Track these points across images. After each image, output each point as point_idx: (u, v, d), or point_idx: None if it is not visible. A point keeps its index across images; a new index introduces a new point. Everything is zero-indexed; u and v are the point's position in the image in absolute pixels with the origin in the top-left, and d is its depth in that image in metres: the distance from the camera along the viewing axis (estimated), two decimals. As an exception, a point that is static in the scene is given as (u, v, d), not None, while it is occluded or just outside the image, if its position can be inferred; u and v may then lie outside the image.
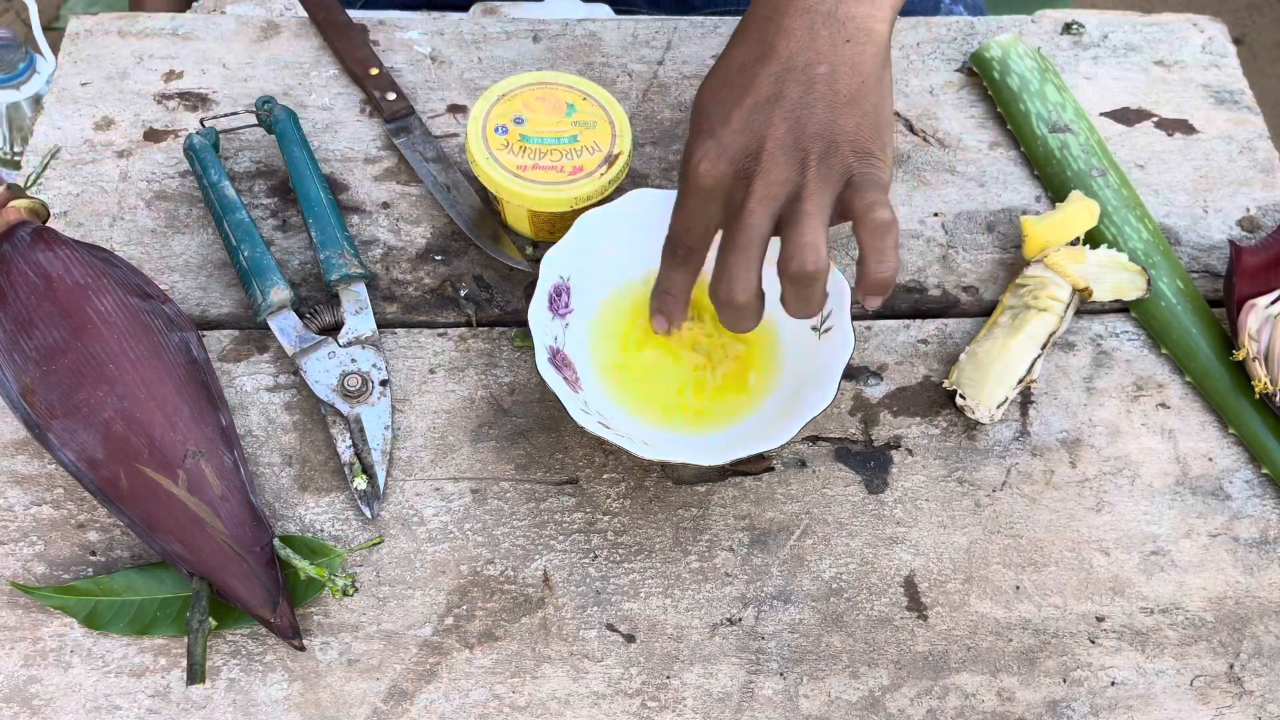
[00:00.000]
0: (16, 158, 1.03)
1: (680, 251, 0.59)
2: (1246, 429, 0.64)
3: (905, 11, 0.87)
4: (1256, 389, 0.64)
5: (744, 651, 0.59)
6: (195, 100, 0.74)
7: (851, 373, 0.67)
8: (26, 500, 0.61)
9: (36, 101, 1.03)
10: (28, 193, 0.64)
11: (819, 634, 0.59)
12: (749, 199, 0.54)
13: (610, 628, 0.59)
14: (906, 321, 0.69)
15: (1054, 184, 0.72)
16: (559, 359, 0.61)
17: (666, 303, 0.60)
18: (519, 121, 0.67)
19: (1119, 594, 0.61)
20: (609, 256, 0.65)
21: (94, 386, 0.57)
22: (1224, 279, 0.69)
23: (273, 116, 0.70)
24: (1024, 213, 0.73)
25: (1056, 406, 0.66)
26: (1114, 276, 0.67)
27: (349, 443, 0.62)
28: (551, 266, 0.63)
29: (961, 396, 0.65)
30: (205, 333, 0.66)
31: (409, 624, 0.59)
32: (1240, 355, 0.65)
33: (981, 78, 0.77)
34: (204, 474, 0.57)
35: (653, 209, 0.65)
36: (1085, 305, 0.69)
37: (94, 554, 0.60)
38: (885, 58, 0.56)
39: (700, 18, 0.80)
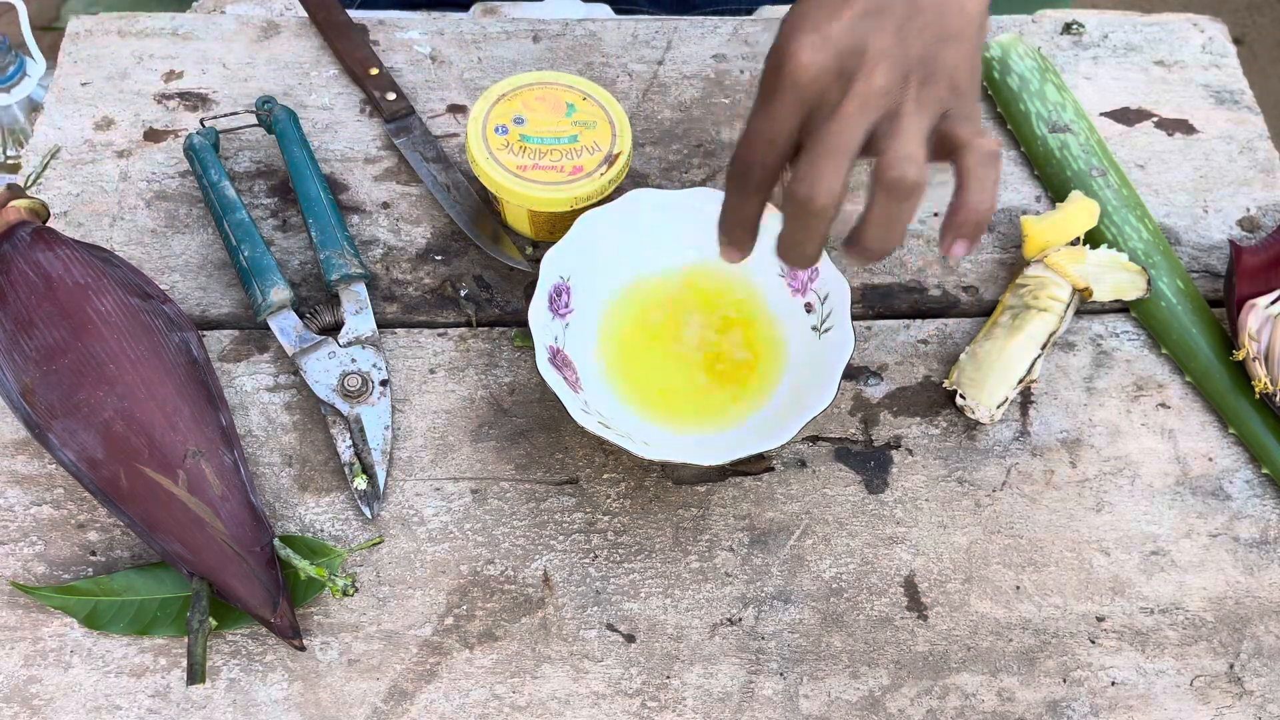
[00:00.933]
0: (8, 160, 1.03)
1: (755, 172, 0.52)
2: (1246, 429, 0.64)
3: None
4: (1256, 389, 0.64)
5: (744, 651, 0.59)
6: (195, 100, 0.74)
7: (851, 373, 0.67)
8: (26, 500, 0.61)
9: (28, 105, 1.03)
10: (28, 193, 0.64)
11: (819, 634, 0.59)
12: (848, 100, 0.49)
13: (610, 628, 0.59)
14: (906, 321, 0.69)
15: (1054, 184, 0.72)
16: (559, 359, 0.61)
17: (737, 233, 0.54)
18: (519, 121, 0.67)
19: (1119, 594, 0.61)
20: (609, 256, 0.65)
21: (94, 386, 0.57)
22: (1224, 279, 0.69)
23: (273, 116, 0.70)
24: (1024, 213, 0.73)
25: (1056, 406, 0.66)
26: (1114, 276, 0.67)
27: (349, 443, 0.62)
28: (552, 266, 0.63)
29: (961, 396, 0.65)
30: (205, 333, 0.66)
31: (409, 624, 0.59)
32: (1240, 355, 0.65)
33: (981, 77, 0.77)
34: (204, 474, 0.57)
35: (653, 209, 0.65)
36: (1085, 305, 0.69)
37: (94, 554, 0.60)
38: (986, 8, 0.54)
39: (700, 17, 0.80)
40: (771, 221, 0.65)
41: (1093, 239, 0.70)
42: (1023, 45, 0.76)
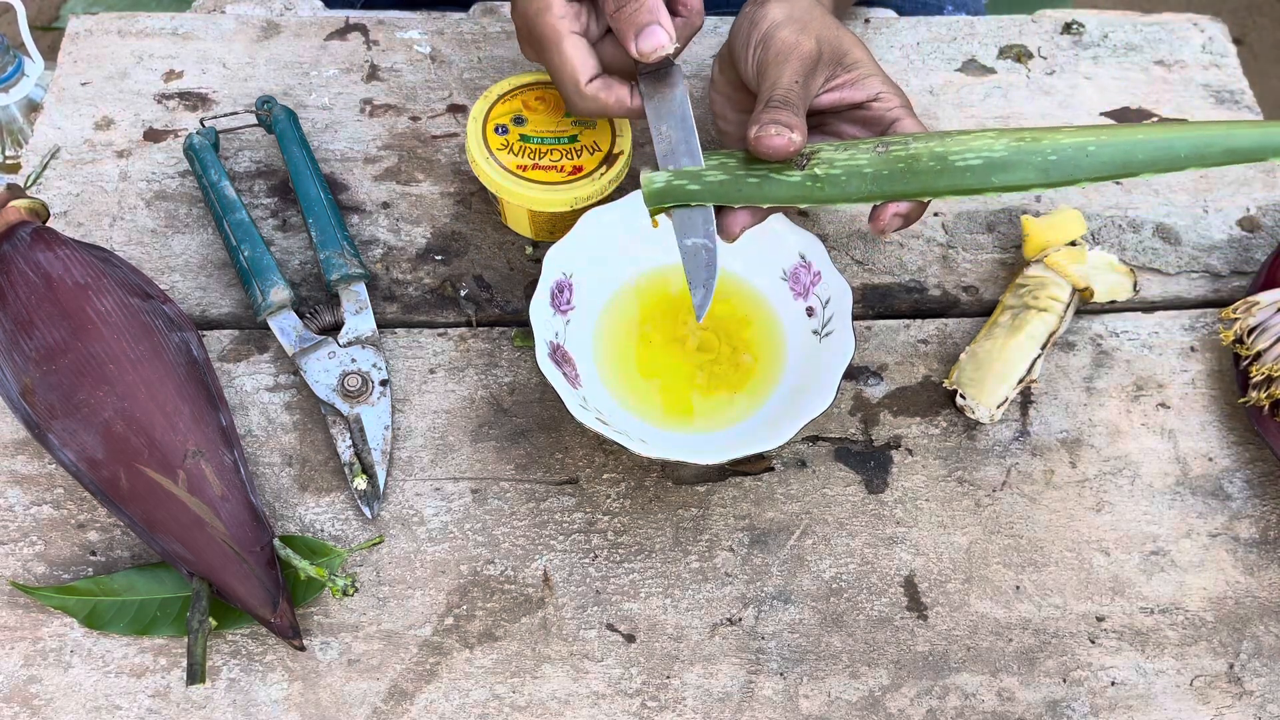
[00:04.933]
0: (8, 160, 1.03)
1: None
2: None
3: (905, 11, 0.87)
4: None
5: (744, 651, 0.59)
6: (195, 100, 0.74)
7: (851, 373, 0.67)
8: (26, 500, 0.61)
9: (26, 105, 1.03)
10: (28, 193, 0.64)
11: (819, 634, 0.59)
12: None
13: (610, 628, 0.59)
14: (906, 321, 0.69)
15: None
16: (559, 354, 0.61)
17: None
18: (519, 121, 0.67)
19: (1119, 594, 0.61)
20: (612, 255, 0.65)
21: (94, 386, 0.57)
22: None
23: (273, 116, 0.70)
24: (1024, 213, 0.73)
25: (1056, 406, 0.67)
26: (1106, 278, 0.67)
27: (349, 443, 0.62)
28: (554, 263, 0.63)
29: (962, 396, 0.65)
30: (205, 333, 0.66)
31: (409, 624, 0.59)
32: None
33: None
34: (204, 474, 0.57)
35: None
36: (1085, 305, 0.69)
37: (94, 554, 0.60)
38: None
39: (700, 17, 0.80)
40: (772, 222, 0.65)
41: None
42: None
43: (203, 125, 0.72)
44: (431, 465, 0.63)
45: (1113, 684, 0.59)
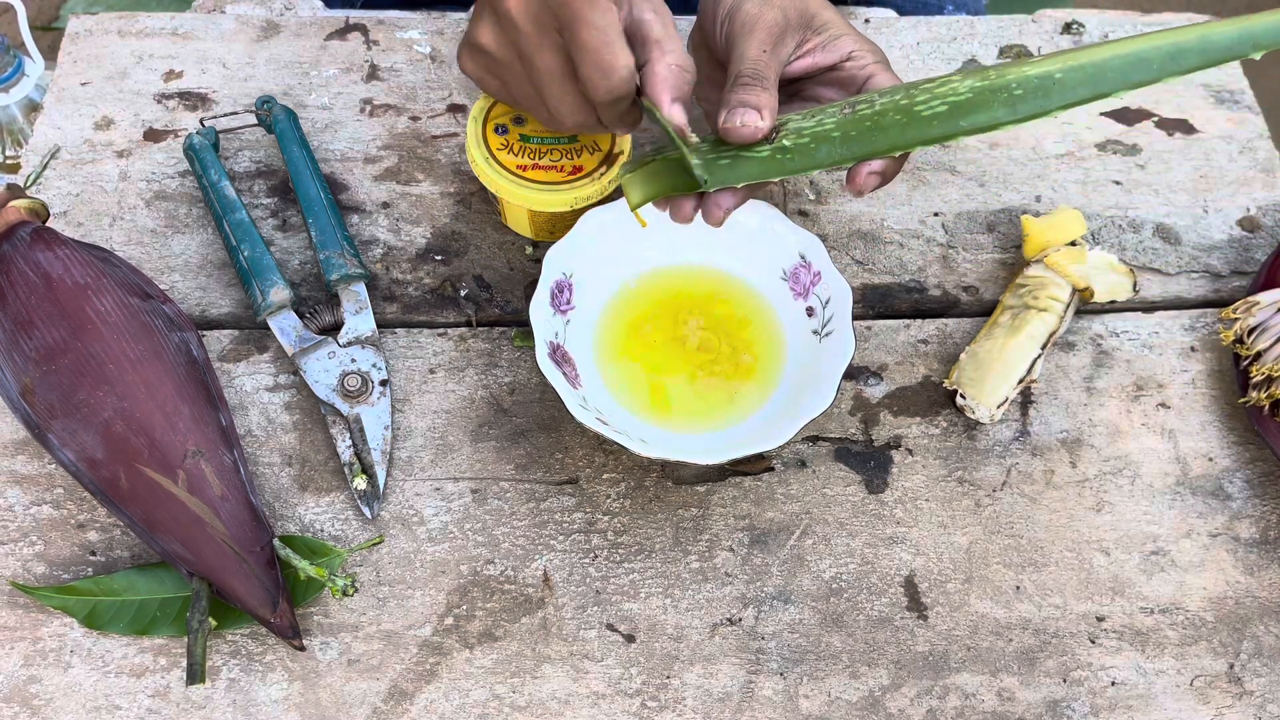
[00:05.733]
0: (7, 160, 1.03)
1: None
2: None
3: (905, 11, 0.87)
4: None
5: (744, 651, 0.59)
6: (195, 100, 0.74)
7: (851, 373, 0.67)
8: (26, 500, 0.61)
9: (26, 105, 1.03)
10: (28, 193, 0.64)
11: (819, 634, 0.59)
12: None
13: (610, 628, 0.59)
14: (906, 321, 0.69)
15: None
16: (559, 354, 0.61)
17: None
18: (519, 121, 0.67)
19: (1119, 594, 0.61)
20: (611, 256, 0.65)
21: (94, 386, 0.57)
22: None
23: (272, 116, 0.70)
24: (1024, 213, 0.73)
25: (1056, 406, 0.66)
26: (1106, 278, 0.67)
27: (349, 443, 0.62)
28: (554, 263, 0.63)
29: (962, 396, 0.65)
30: (205, 333, 0.66)
31: (409, 624, 0.59)
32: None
33: None
34: (204, 474, 0.57)
35: (654, 209, 0.65)
36: (1085, 305, 0.69)
37: (94, 554, 0.60)
38: None
39: (700, 17, 0.80)
40: (772, 222, 0.65)
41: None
42: None
43: (203, 125, 0.72)
44: (431, 465, 0.63)
45: (1113, 684, 0.59)
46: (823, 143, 0.54)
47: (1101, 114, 0.77)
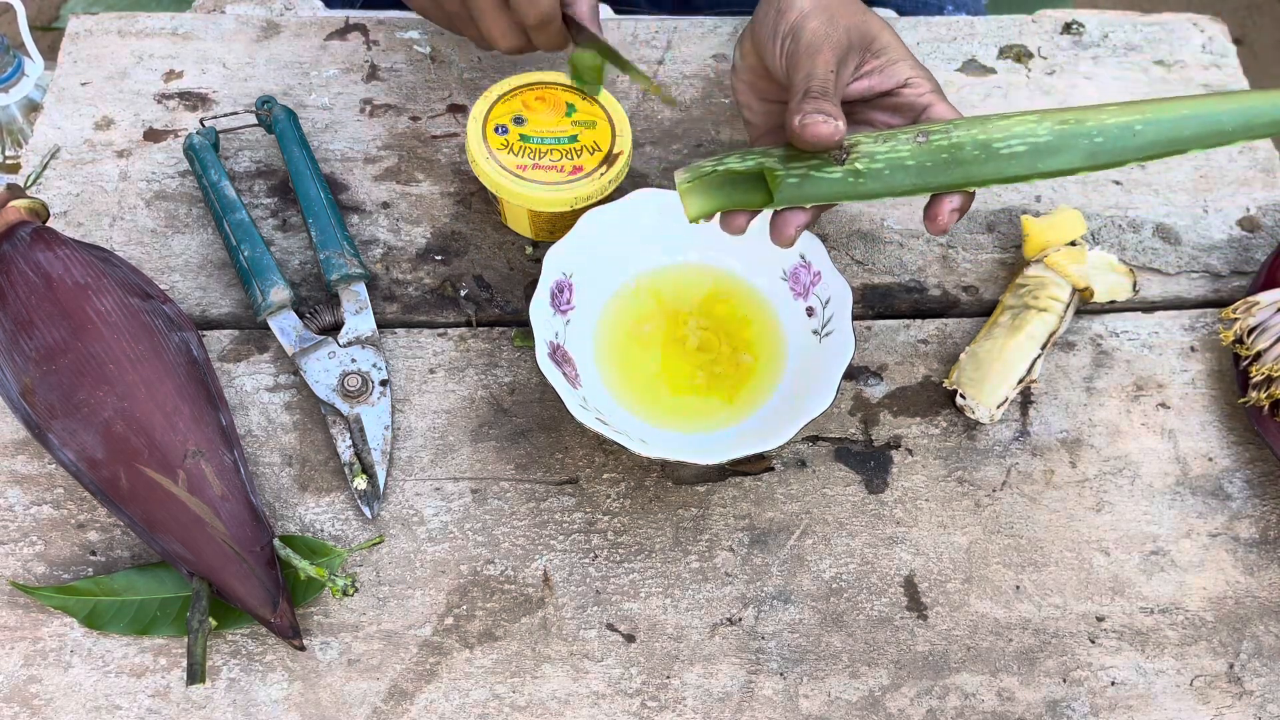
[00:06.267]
0: (7, 160, 1.03)
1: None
2: None
3: (905, 11, 0.87)
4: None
5: (744, 651, 0.59)
6: (195, 100, 0.74)
7: (851, 373, 0.67)
8: (26, 500, 0.61)
9: (26, 105, 1.02)
10: (28, 193, 0.64)
11: (819, 634, 0.59)
12: None
13: (610, 628, 0.59)
14: (906, 321, 0.69)
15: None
16: (559, 354, 0.61)
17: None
18: (519, 121, 0.67)
19: (1119, 594, 0.61)
20: (611, 256, 0.65)
21: (94, 386, 0.57)
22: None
23: (273, 116, 0.70)
24: (1024, 213, 0.73)
25: (1056, 406, 0.67)
26: (1106, 278, 0.67)
27: (349, 443, 0.62)
28: (554, 263, 0.63)
29: (962, 396, 0.65)
30: (205, 333, 0.66)
31: (409, 624, 0.59)
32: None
33: None
34: (204, 474, 0.57)
35: (654, 209, 0.65)
36: (1085, 305, 0.69)
37: (94, 554, 0.60)
38: None
39: (700, 17, 0.80)
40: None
41: None
42: None
43: (203, 125, 0.72)
44: (431, 465, 0.63)
45: (1113, 684, 0.59)
46: (897, 170, 0.54)
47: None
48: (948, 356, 0.68)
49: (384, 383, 0.64)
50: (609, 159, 0.66)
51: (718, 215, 0.56)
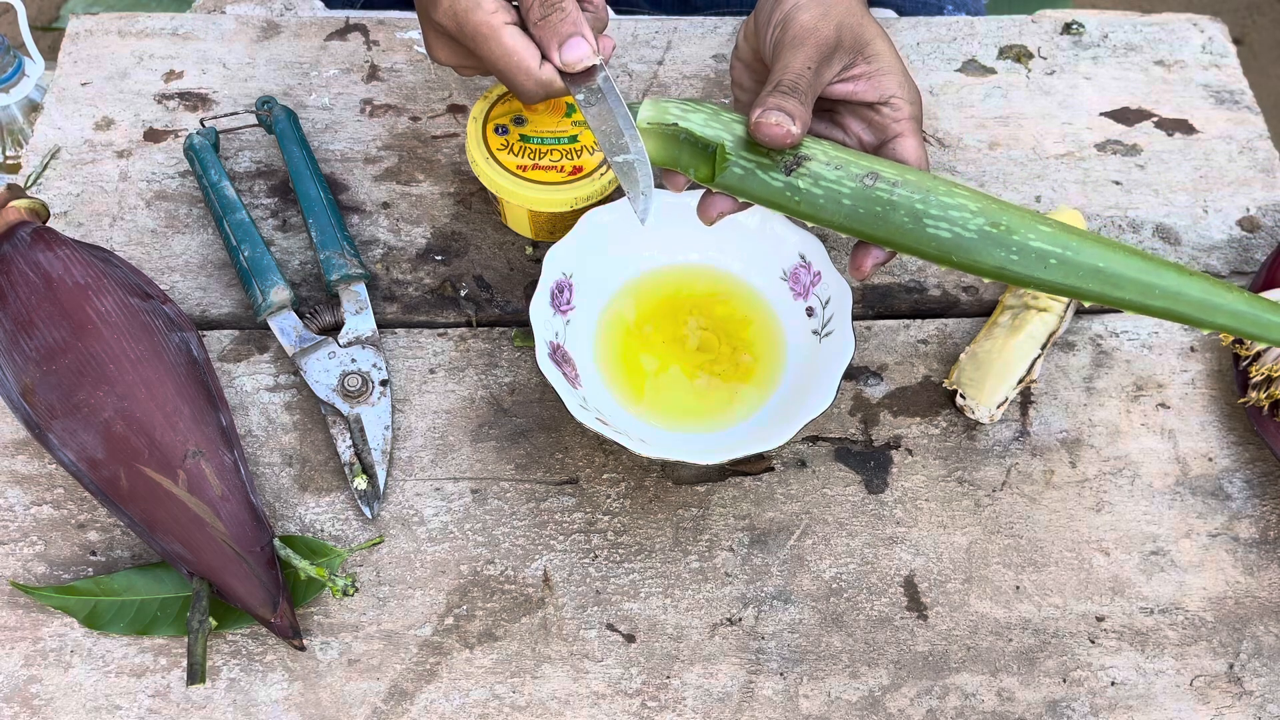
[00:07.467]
0: (7, 160, 1.03)
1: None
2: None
3: (905, 11, 0.87)
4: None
5: (744, 651, 0.59)
6: (195, 100, 0.74)
7: (851, 373, 0.67)
8: (26, 500, 0.61)
9: (26, 105, 1.02)
10: (28, 193, 0.64)
11: (819, 634, 0.59)
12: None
13: (610, 628, 0.59)
14: (906, 321, 0.69)
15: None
16: (559, 354, 0.61)
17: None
18: (519, 121, 0.67)
19: (1119, 594, 0.61)
20: (612, 256, 0.65)
21: (94, 386, 0.57)
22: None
23: (273, 116, 0.70)
24: (1024, 213, 0.73)
25: (1056, 406, 0.67)
26: None
27: (349, 443, 0.62)
28: (554, 263, 0.63)
29: (961, 396, 0.65)
30: (205, 333, 0.66)
31: (409, 624, 0.59)
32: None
33: None
34: (204, 474, 0.57)
35: (654, 209, 0.65)
36: (1085, 305, 0.69)
37: (94, 554, 0.60)
38: None
39: (700, 18, 0.80)
40: (772, 222, 0.65)
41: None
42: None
43: (203, 125, 0.72)
44: (431, 465, 0.63)
45: (1113, 684, 0.59)
46: (831, 202, 0.53)
47: (1101, 114, 0.77)
48: (948, 356, 0.68)
49: (384, 383, 0.64)
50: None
51: (695, 203, 0.56)
